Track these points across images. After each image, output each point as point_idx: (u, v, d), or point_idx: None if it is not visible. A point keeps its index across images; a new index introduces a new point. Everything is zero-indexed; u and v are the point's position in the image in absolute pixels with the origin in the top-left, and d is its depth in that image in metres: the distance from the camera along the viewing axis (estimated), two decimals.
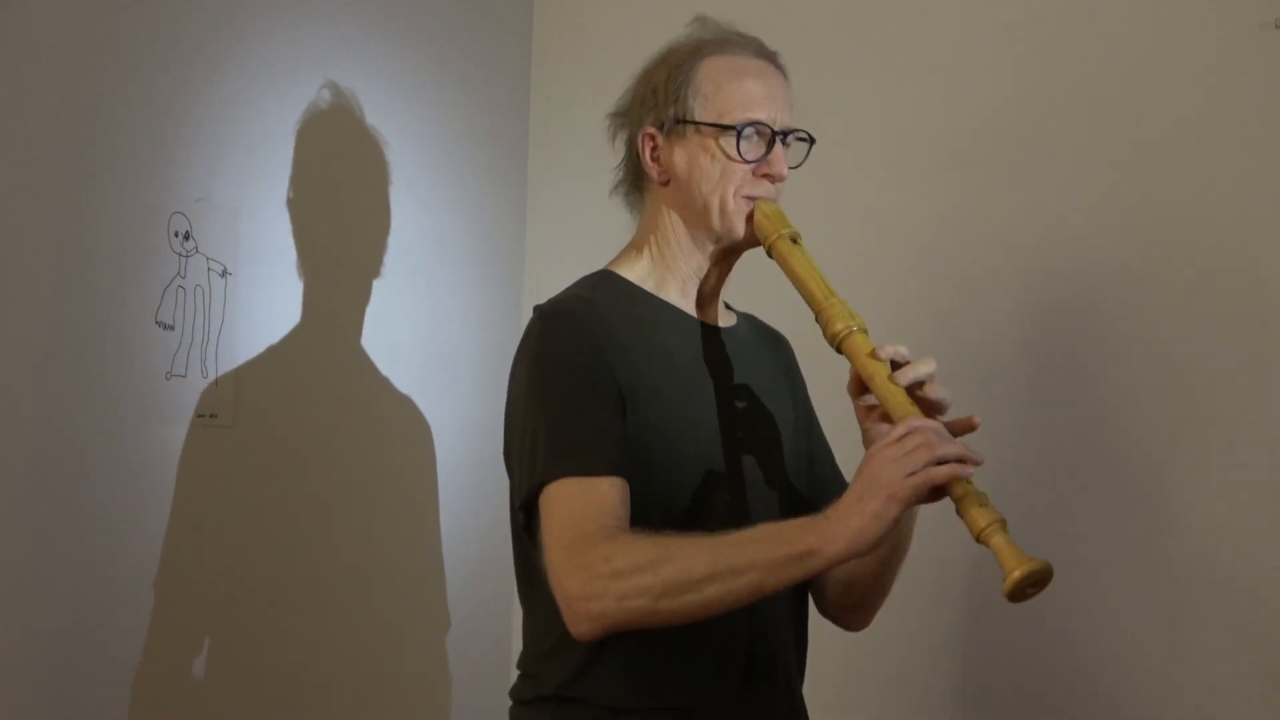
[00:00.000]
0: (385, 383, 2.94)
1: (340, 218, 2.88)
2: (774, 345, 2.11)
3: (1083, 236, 2.60)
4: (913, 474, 1.66)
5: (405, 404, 2.98)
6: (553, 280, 3.24)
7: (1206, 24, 2.49)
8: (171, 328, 2.58)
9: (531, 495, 1.82)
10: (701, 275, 1.98)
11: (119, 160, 2.51)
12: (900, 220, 2.80)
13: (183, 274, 2.60)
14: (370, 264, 2.91)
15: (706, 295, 1.99)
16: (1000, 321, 2.68)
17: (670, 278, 1.97)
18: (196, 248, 2.62)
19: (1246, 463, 2.42)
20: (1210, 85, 2.49)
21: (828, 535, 1.67)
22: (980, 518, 1.66)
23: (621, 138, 2.01)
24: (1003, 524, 1.66)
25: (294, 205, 2.79)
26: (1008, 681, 2.63)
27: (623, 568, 1.71)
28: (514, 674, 1.98)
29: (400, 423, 2.98)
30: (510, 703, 1.96)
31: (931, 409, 1.78)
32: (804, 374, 2.14)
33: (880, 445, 1.70)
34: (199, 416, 2.63)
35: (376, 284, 2.92)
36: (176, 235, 2.59)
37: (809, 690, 2.04)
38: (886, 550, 1.91)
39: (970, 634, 2.67)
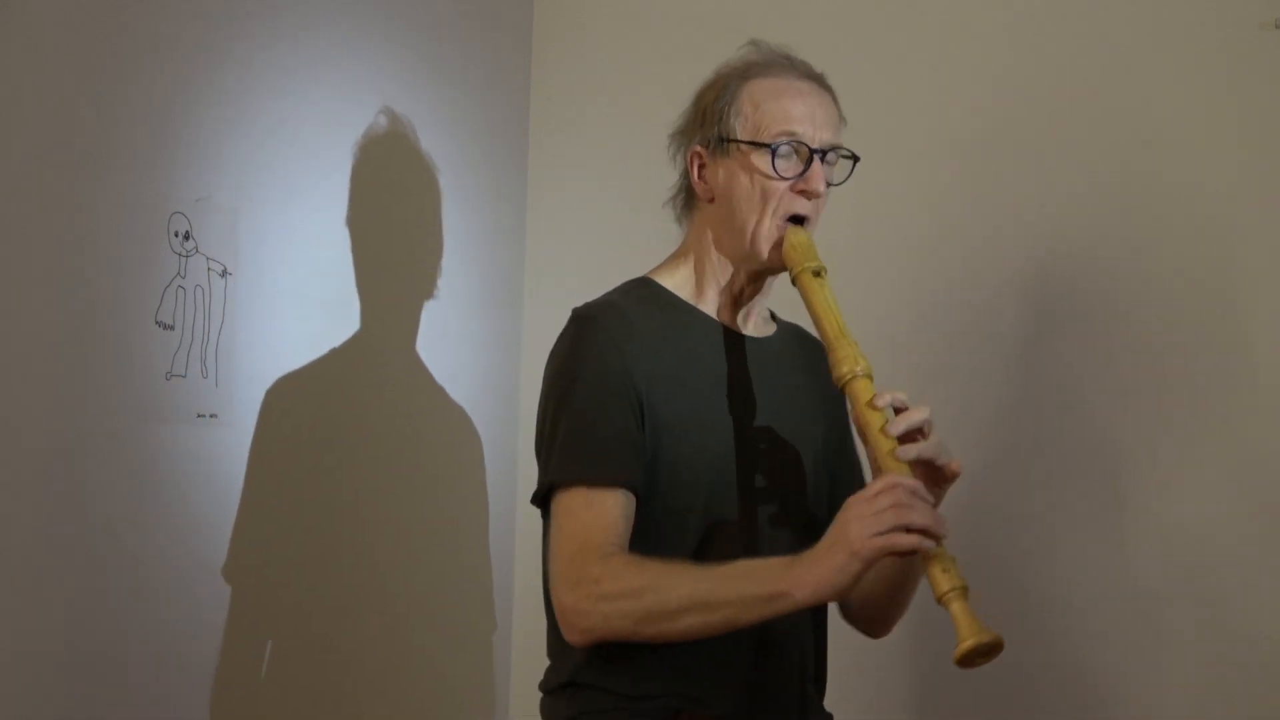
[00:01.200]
0: (385, 381, 2.94)
1: (340, 217, 2.88)
2: (812, 357, 2.12)
3: (1078, 234, 2.60)
4: (879, 535, 1.72)
5: (405, 403, 2.98)
6: (553, 280, 3.26)
7: (1206, 24, 2.49)
8: (171, 328, 2.58)
9: (543, 493, 1.93)
10: (738, 289, 2.04)
11: (119, 160, 2.51)
12: (895, 210, 2.81)
13: (183, 274, 2.60)
14: (369, 263, 2.91)
15: (743, 306, 2.06)
16: (987, 313, 2.68)
17: (707, 288, 2.04)
18: (196, 248, 2.62)
19: (1223, 460, 2.44)
20: (1210, 85, 2.49)
21: (798, 580, 1.75)
22: (943, 581, 1.73)
23: (680, 157, 2.07)
24: (964, 591, 1.73)
25: (293, 205, 2.79)
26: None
27: (610, 591, 1.82)
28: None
29: (401, 421, 2.98)
30: (540, 694, 2.04)
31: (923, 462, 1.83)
32: None
33: (855, 499, 1.77)
34: (199, 416, 2.63)
35: (376, 283, 2.92)
36: (176, 235, 2.59)
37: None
38: (896, 571, 1.97)
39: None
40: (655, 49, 3.08)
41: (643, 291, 2.04)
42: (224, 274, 2.67)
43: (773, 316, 2.15)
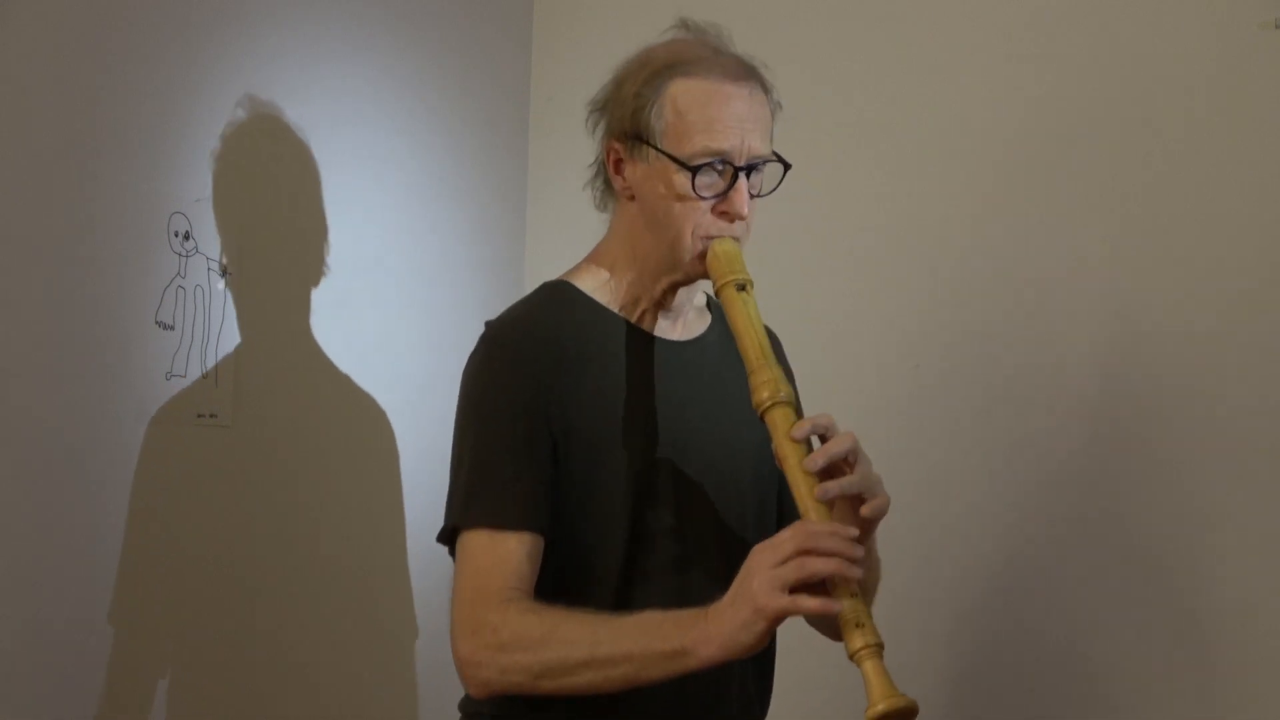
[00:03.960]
0: (386, 382, 2.94)
1: (341, 217, 2.88)
2: None
3: (1076, 234, 2.60)
4: (782, 591, 1.60)
5: (407, 402, 2.98)
6: (552, 276, 3.24)
7: (1206, 24, 2.49)
8: (171, 328, 2.58)
9: (447, 533, 1.82)
10: (660, 293, 1.91)
11: (119, 160, 2.51)
12: (905, 222, 2.81)
13: (183, 274, 2.60)
14: (371, 263, 2.91)
15: (670, 308, 1.93)
16: (985, 320, 2.68)
17: (628, 291, 1.91)
18: (196, 248, 2.62)
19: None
20: (1210, 85, 2.48)
21: (702, 636, 1.63)
22: (856, 638, 1.60)
23: (600, 131, 1.93)
24: (879, 649, 1.60)
25: (294, 205, 2.79)
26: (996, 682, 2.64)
27: (508, 641, 1.71)
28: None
29: (401, 422, 2.98)
30: (460, 715, 1.94)
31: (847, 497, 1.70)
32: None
33: (761, 547, 1.64)
34: (199, 416, 2.63)
35: (377, 283, 2.92)
36: (176, 235, 2.59)
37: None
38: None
39: (976, 636, 2.67)
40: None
41: (559, 298, 1.90)
42: (224, 274, 2.67)
43: (709, 304, 2.00)
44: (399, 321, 2.97)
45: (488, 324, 1.91)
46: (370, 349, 2.90)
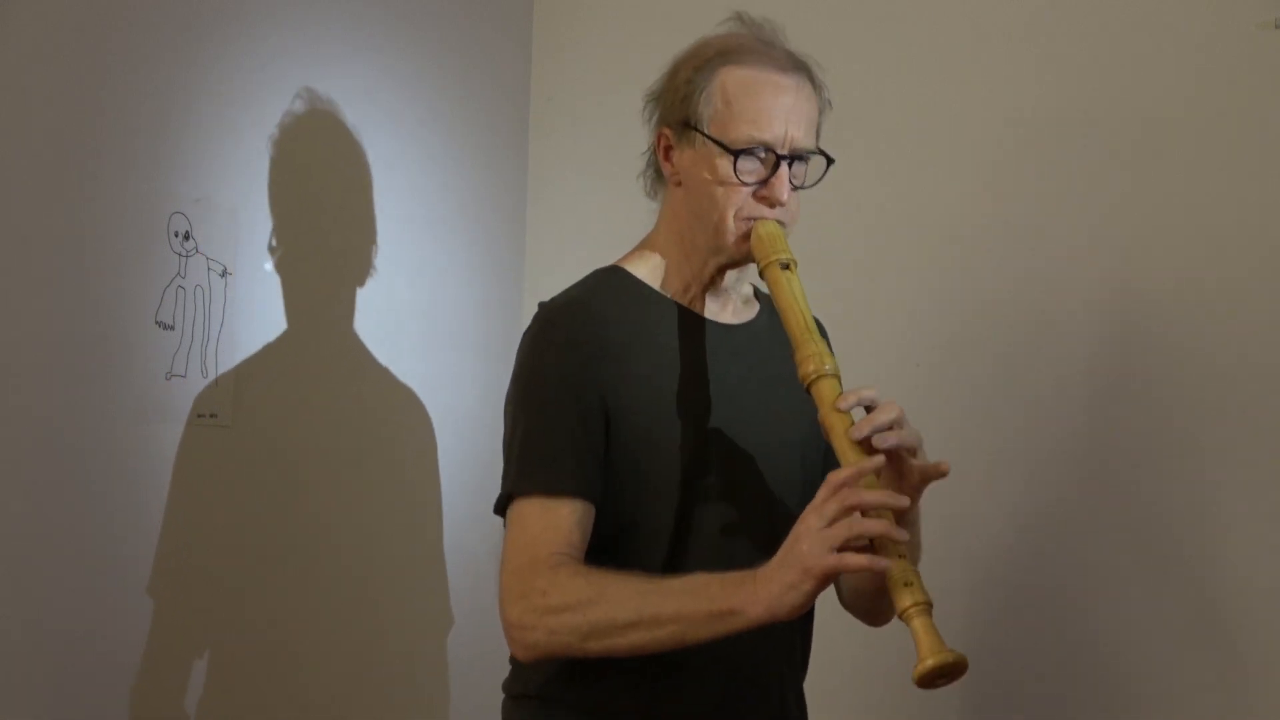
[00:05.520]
0: (386, 381, 2.94)
1: (341, 216, 2.88)
2: None
3: (1075, 234, 2.60)
4: (832, 551, 1.63)
5: (406, 402, 2.98)
6: (552, 276, 3.24)
7: (1206, 24, 2.49)
8: (171, 328, 2.58)
9: (502, 503, 1.87)
10: (709, 276, 1.96)
11: (119, 160, 2.51)
12: (906, 220, 2.81)
13: (183, 274, 2.60)
14: (371, 262, 2.91)
15: (719, 292, 1.98)
16: (993, 313, 2.68)
17: (679, 275, 1.96)
18: (196, 248, 2.62)
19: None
20: (1210, 85, 2.49)
21: (751, 597, 1.67)
22: (905, 596, 1.63)
23: (654, 120, 1.98)
24: (928, 606, 1.63)
25: (293, 204, 2.79)
26: (1020, 680, 2.64)
27: (556, 604, 1.75)
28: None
29: (401, 421, 2.98)
30: (503, 695, 1.98)
31: (893, 457, 1.74)
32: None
33: (808, 511, 1.67)
34: (199, 416, 2.63)
35: (377, 282, 2.92)
36: (176, 235, 2.59)
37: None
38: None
39: (985, 631, 2.67)
40: (655, 48, 3.06)
41: (612, 282, 1.96)
42: (224, 274, 2.67)
43: (756, 294, 2.05)
44: (398, 321, 2.97)
45: (541, 305, 1.96)
46: (371, 346, 2.90)
